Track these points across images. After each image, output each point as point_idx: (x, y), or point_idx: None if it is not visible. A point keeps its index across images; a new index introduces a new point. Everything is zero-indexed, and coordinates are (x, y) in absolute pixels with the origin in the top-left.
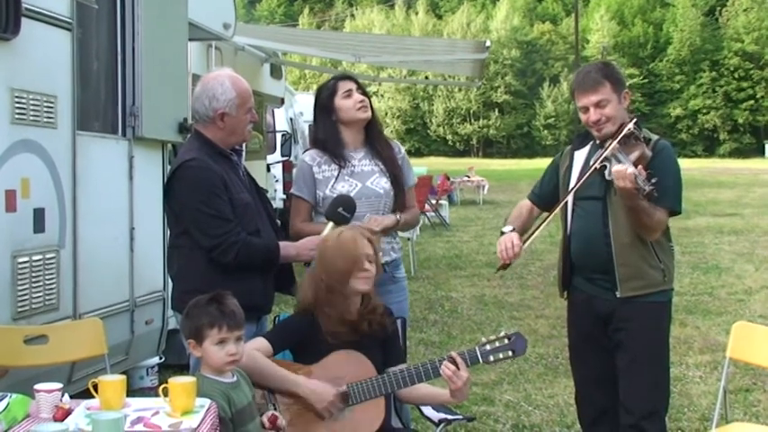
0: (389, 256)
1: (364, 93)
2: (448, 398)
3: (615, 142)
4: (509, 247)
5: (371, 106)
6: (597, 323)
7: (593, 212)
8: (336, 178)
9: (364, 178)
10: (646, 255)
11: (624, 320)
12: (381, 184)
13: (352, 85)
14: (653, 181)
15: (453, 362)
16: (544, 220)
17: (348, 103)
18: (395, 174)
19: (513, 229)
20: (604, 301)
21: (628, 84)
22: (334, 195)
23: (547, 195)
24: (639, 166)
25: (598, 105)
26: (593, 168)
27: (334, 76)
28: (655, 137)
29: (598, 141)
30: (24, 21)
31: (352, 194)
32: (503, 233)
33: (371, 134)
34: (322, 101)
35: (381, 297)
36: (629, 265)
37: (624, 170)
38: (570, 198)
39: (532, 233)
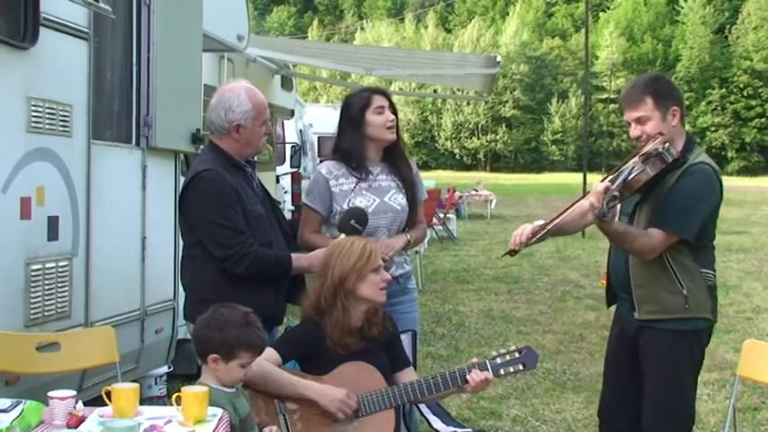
0: (402, 268)
1: (395, 111)
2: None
3: (636, 156)
4: (517, 234)
5: (398, 126)
6: (627, 343)
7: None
8: (354, 192)
9: (382, 193)
10: (664, 279)
11: (643, 345)
12: (399, 200)
13: (385, 102)
14: (610, 205)
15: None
16: (558, 215)
17: (379, 120)
18: (411, 191)
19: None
20: (630, 323)
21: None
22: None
23: None
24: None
25: (638, 122)
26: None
27: (368, 89)
28: (698, 160)
29: None
30: (42, 30)
31: (369, 210)
32: None
33: (393, 152)
34: (353, 112)
35: (393, 308)
36: (645, 287)
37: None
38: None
39: (546, 225)
